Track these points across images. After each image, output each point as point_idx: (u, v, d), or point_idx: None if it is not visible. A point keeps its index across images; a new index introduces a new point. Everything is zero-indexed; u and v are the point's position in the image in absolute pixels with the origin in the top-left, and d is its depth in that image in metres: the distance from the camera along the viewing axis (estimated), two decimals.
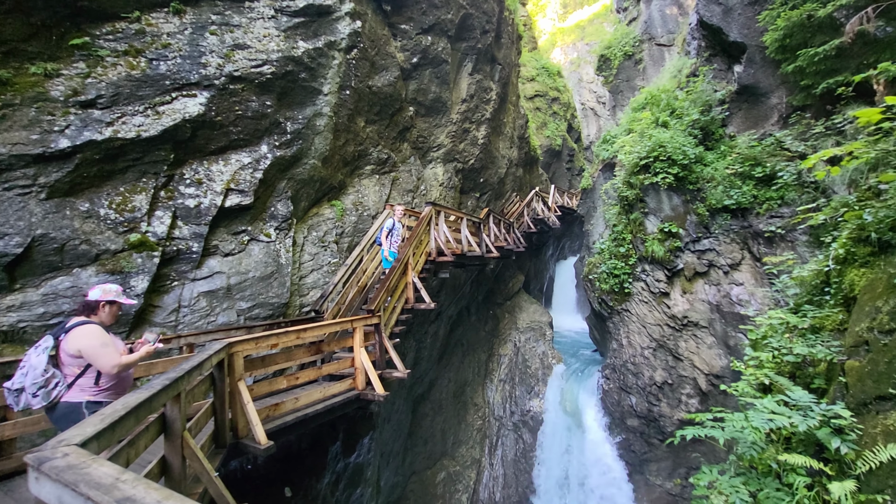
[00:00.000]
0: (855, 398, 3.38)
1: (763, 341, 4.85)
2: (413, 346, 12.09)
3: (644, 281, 13.96)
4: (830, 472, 3.21)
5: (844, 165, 3.76)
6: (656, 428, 14.02)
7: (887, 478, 2.92)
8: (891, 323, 3.31)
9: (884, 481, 2.93)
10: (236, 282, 7.35)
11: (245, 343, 5.06)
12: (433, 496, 13.03)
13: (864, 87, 9.15)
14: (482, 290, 16.73)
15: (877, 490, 2.94)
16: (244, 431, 4.96)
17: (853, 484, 2.94)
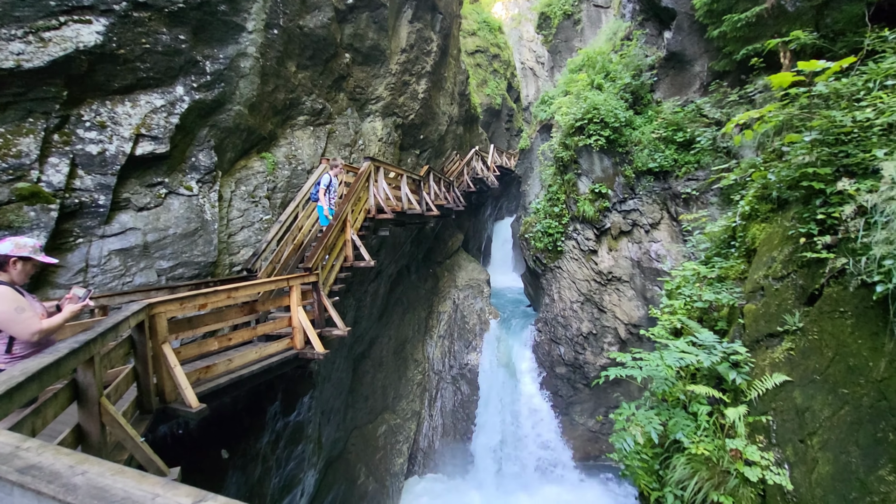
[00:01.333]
0: (750, 336, 3.86)
1: (677, 291, 5.35)
2: (353, 304, 11.98)
3: (575, 239, 14.73)
4: (727, 400, 3.69)
5: (756, 129, 4.10)
6: (581, 374, 15.29)
7: (771, 401, 3.42)
8: (783, 270, 3.77)
9: (768, 404, 3.43)
10: (154, 239, 6.72)
11: (168, 304, 4.70)
12: (374, 448, 13.42)
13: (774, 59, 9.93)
14: (422, 248, 16.77)
15: (762, 412, 3.44)
16: (172, 396, 4.70)
17: (745, 408, 3.42)
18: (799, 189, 3.71)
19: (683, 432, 3.74)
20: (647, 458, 4.35)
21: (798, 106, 3.77)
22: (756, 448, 3.18)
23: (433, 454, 15.09)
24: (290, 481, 8.05)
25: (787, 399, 3.29)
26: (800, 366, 3.31)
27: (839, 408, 2.90)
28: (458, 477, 14.27)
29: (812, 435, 3.00)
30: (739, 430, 3.30)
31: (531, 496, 12.85)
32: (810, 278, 3.46)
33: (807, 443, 3.02)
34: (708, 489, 3.33)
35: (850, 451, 2.72)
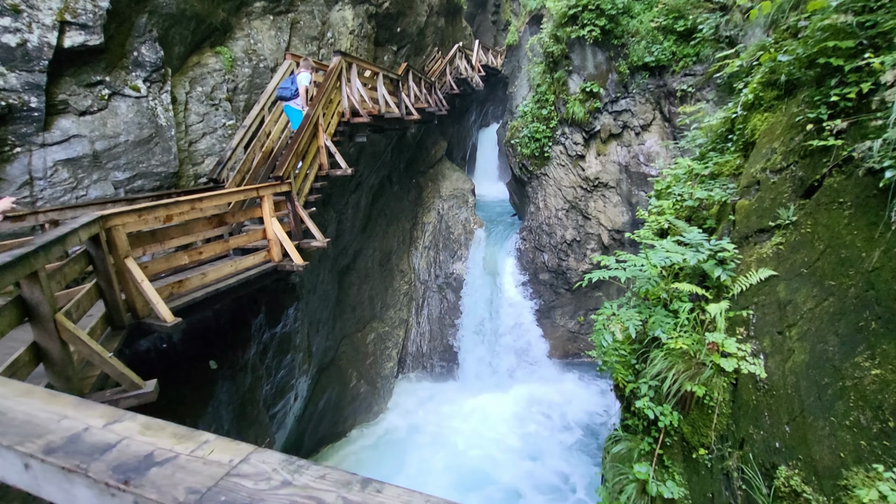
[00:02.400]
0: (739, 233, 3.74)
1: (666, 190, 5.14)
2: (334, 217, 11.66)
3: (563, 144, 14.17)
4: (709, 297, 3.67)
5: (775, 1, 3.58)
6: (563, 279, 15.72)
7: (753, 296, 3.39)
8: (782, 162, 3.53)
9: (750, 299, 3.40)
10: (104, 147, 6.12)
11: (124, 216, 4.34)
12: (364, 354, 14.04)
13: None
14: (404, 157, 16.07)
15: (743, 307, 3.43)
16: (145, 311, 4.55)
17: (727, 304, 3.40)
18: (813, 68, 3.33)
19: (663, 329, 3.77)
20: (624, 354, 4.47)
21: None
22: (734, 341, 3.21)
23: (421, 358, 15.93)
24: (281, 388, 8.39)
25: (770, 293, 3.25)
26: (787, 260, 3.22)
27: (823, 299, 2.85)
28: (445, 377, 15.23)
29: (791, 327, 3.00)
30: (719, 325, 3.31)
31: (513, 391, 13.87)
32: (811, 168, 3.24)
33: (785, 334, 3.03)
34: (683, 380, 3.42)
35: (828, 340, 2.72)
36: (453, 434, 12.17)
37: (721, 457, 3.22)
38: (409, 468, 10.98)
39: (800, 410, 2.72)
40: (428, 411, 13.54)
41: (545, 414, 12.75)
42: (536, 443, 11.69)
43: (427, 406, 13.82)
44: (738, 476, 3.01)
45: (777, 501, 2.65)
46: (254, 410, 7.63)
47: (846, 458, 2.38)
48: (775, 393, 2.93)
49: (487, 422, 12.62)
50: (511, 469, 10.77)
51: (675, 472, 3.65)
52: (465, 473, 10.55)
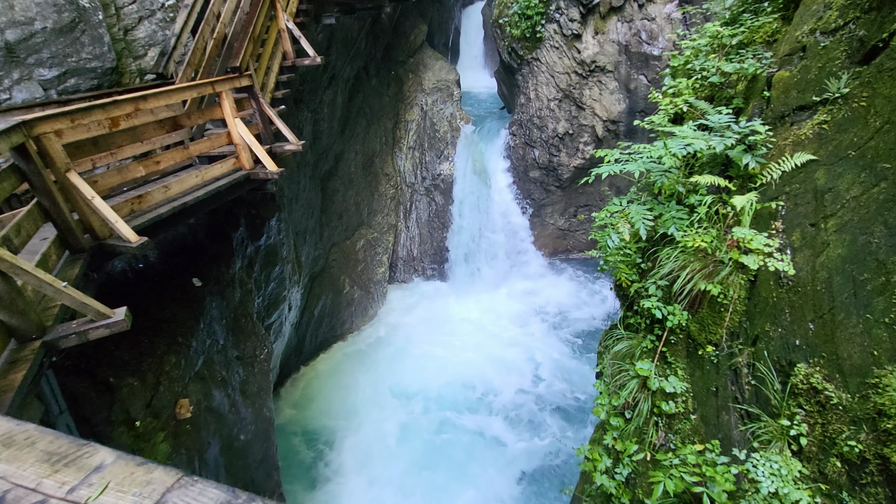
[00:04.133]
0: (774, 112, 3.26)
1: (685, 66, 4.49)
2: (309, 118, 10.63)
3: (557, 22, 12.65)
4: (733, 188, 3.31)
5: None
6: (555, 176, 15.24)
7: (784, 185, 3.04)
8: (839, 20, 2.93)
9: (781, 189, 3.06)
10: (18, 37, 5.08)
11: (53, 121, 3.65)
12: (355, 261, 13.95)
13: None
14: (380, 44, 14.35)
15: (772, 198, 3.10)
16: (104, 231, 4.08)
17: (754, 195, 3.05)
18: None
19: (677, 226, 3.46)
20: (630, 253, 4.23)
21: None
22: (764, 236, 2.92)
23: (413, 262, 15.97)
24: (274, 299, 8.28)
25: (805, 181, 2.90)
26: (831, 141, 2.81)
27: (872, 185, 2.51)
28: (438, 279, 15.43)
29: (829, 217, 2.70)
30: (745, 219, 3.00)
31: (504, 289, 14.17)
32: (877, 25, 2.67)
33: (819, 226, 2.74)
34: (697, 279, 3.21)
35: (874, 232, 2.44)
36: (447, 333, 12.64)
37: (730, 354, 3.15)
38: (406, 366, 11.52)
39: (829, 308, 2.53)
40: (422, 311, 13.93)
41: (536, 310, 13.18)
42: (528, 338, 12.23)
43: (421, 306, 14.18)
44: (749, 372, 2.95)
45: (792, 398, 2.59)
46: (248, 323, 7.59)
47: (880, 357, 2.24)
48: (800, 290, 2.73)
49: (479, 320, 13.06)
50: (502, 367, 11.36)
51: (678, 367, 3.63)
52: (460, 371, 11.11)
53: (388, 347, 12.29)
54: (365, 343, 12.64)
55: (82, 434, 4.75)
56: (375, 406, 10.23)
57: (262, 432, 7.55)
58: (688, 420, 3.56)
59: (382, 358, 12.00)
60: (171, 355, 5.96)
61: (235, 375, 7.21)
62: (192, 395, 6.30)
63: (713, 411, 3.32)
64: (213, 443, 6.33)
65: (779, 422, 2.66)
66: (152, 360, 5.76)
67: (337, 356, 12.16)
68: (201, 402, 6.34)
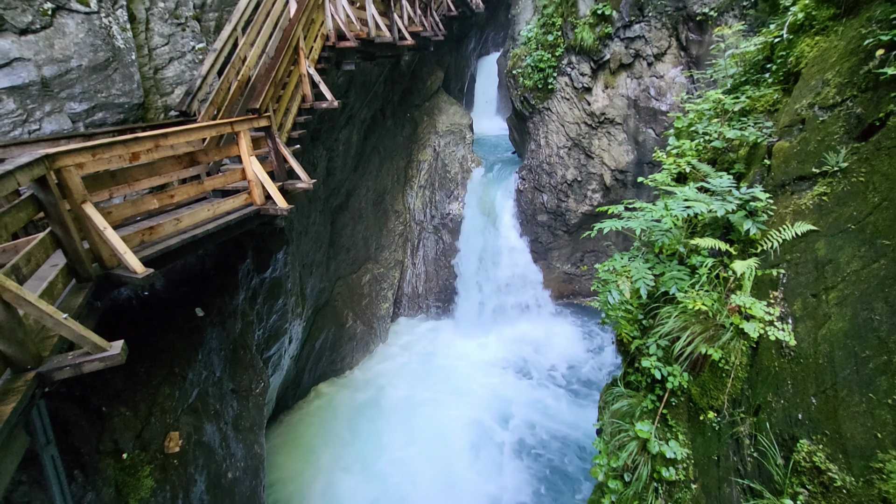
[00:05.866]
0: (775, 180, 3.31)
1: (689, 129, 4.60)
2: (324, 154, 10.96)
3: (569, 75, 13.13)
4: (734, 252, 3.32)
5: None
6: (562, 221, 15.34)
7: (786, 253, 3.04)
8: (837, 96, 3.01)
9: (782, 257, 3.06)
10: (55, 73, 5.39)
11: (76, 154, 3.82)
12: (360, 296, 13.95)
13: None
14: (397, 89, 14.95)
15: (773, 265, 3.09)
16: (112, 261, 4.16)
17: (755, 261, 3.05)
18: None
19: (678, 286, 3.45)
20: (631, 309, 4.20)
21: None
22: (764, 305, 2.90)
23: (417, 299, 15.93)
24: (275, 332, 8.26)
25: (806, 251, 2.90)
26: (831, 213, 2.83)
27: (872, 261, 2.50)
28: (441, 318, 15.31)
29: (830, 290, 2.68)
30: (746, 285, 2.99)
31: (507, 331, 13.99)
32: (874, 105, 2.74)
33: (821, 297, 2.71)
34: (698, 342, 3.16)
35: (875, 308, 2.41)
36: (445, 379, 12.38)
37: (732, 422, 3.05)
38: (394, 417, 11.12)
39: (831, 383, 2.47)
40: (423, 351, 13.74)
41: (538, 356, 12.94)
42: (527, 383, 11.95)
43: (422, 346, 14.00)
44: (751, 444, 2.84)
45: (795, 476, 2.48)
46: (247, 355, 7.54)
47: (883, 440, 2.16)
48: (802, 361, 2.67)
49: (483, 362, 12.83)
50: (502, 407, 11.06)
51: (678, 432, 3.51)
52: (452, 424, 10.75)
53: (382, 392, 11.92)
54: (360, 384, 12.35)
55: (68, 465, 4.65)
56: (348, 473, 9.60)
57: (251, 469, 7.34)
58: (689, 489, 3.41)
59: (380, 394, 11.73)
60: (166, 386, 5.91)
61: (229, 409, 7.10)
62: (184, 427, 6.19)
63: (715, 482, 3.18)
64: (199, 479, 6.16)
65: (781, 501, 2.53)
66: (146, 391, 5.71)
67: (328, 396, 11.87)
68: (192, 436, 6.22)
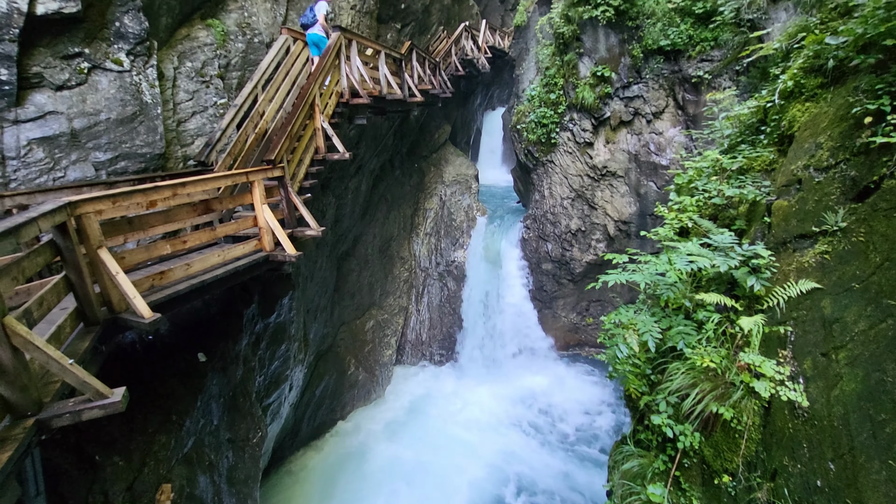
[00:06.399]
0: (776, 238, 3.37)
1: (689, 185, 4.73)
2: (333, 202, 11.25)
3: (571, 131, 13.65)
4: (739, 308, 3.32)
5: None
6: (567, 270, 15.36)
7: (792, 311, 3.04)
8: (830, 159, 3.13)
9: (788, 314, 3.05)
10: (84, 126, 5.70)
11: (96, 202, 3.97)
12: (363, 342, 13.79)
13: None
14: (406, 141, 15.56)
15: (780, 322, 3.08)
16: (121, 305, 4.20)
17: (761, 318, 3.05)
18: (872, 52, 2.91)
19: (685, 341, 3.42)
20: (639, 364, 4.13)
21: None
22: (773, 363, 2.86)
23: (421, 346, 15.70)
24: (276, 378, 8.13)
25: (812, 308, 2.90)
26: (834, 272, 2.85)
27: (879, 321, 2.50)
28: (445, 366, 15.02)
29: (839, 349, 2.65)
30: (753, 342, 2.97)
31: (512, 383, 13.64)
32: (867, 168, 2.85)
33: (831, 357, 2.68)
34: (708, 401, 3.09)
35: (886, 370, 2.38)
36: (449, 426, 11.98)
37: (748, 487, 2.92)
38: (402, 458, 10.79)
39: (849, 448, 2.39)
40: (424, 400, 13.35)
41: (544, 410, 12.54)
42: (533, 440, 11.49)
43: (425, 395, 13.63)
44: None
45: None
46: (246, 403, 7.38)
47: None
48: (817, 423, 2.60)
49: (485, 414, 12.42)
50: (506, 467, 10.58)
51: (692, 496, 3.35)
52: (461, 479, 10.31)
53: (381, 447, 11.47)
54: (359, 436, 11.93)
55: None
56: None
57: None
58: None
59: (379, 446, 11.28)
60: (162, 434, 5.76)
61: (224, 460, 6.85)
62: (177, 479, 5.96)
63: None
64: None
65: None
66: (142, 439, 5.57)
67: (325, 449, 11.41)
68: (184, 488, 5.98)
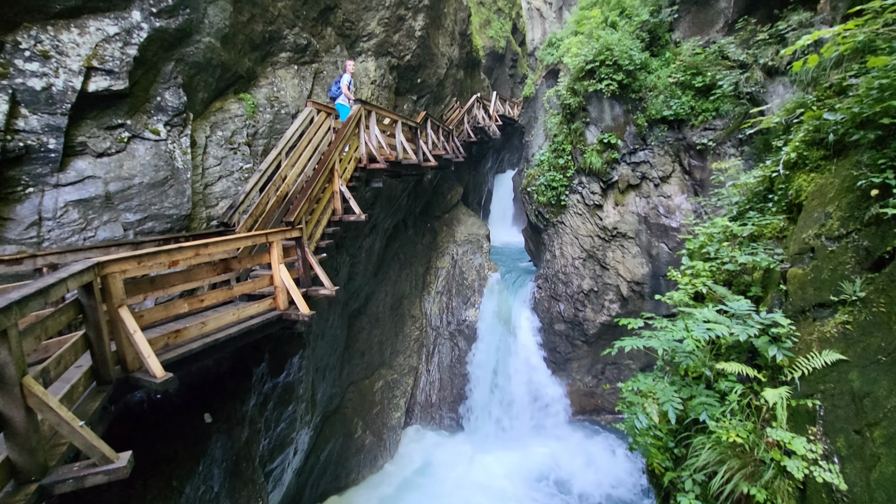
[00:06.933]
0: (794, 306, 3.32)
1: (701, 250, 4.76)
2: (347, 260, 11.45)
3: (580, 193, 13.98)
4: (763, 379, 3.21)
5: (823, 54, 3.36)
6: (580, 331, 15.06)
7: (818, 383, 2.93)
8: (841, 229, 3.16)
9: (814, 386, 2.94)
10: (118, 189, 6.05)
11: (122, 262, 4.12)
12: (371, 403, 13.39)
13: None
14: (420, 202, 16.05)
15: (806, 395, 2.96)
16: (135, 364, 4.22)
17: (786, 390, 2.93)
18: (871, 129, 3.03)
19: (708, 413, 3.28)
20: (660, 436, 3.94)
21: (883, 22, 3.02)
22: (802, 440, 2.72)
23: (430, 408, 15.17)
24: (281, 441, 7.85)
25: (840, 381, 2.79)
26: (858, 343, 2.78)
27: None
28: (455, 430, 14.39)
29: (872, 426, 2.52)
30: (780, 417, 2.84)
31: (526, 450, 12.95)
32: (879, 238, 2.86)
33: (865, 435, 2.55)
34: (737, 480, 2.91)
35: None
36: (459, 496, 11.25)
37: None
38: None
39: None
40: (434, 468, 12.66)
41: (559, 480, 11.77)
42: None
43: (434, 462, 12.94)
44: None
45: None
46: (249, 468, 7.09)
47: None
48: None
49: (497, 484, 11.68)
50: None
51: None
52: None
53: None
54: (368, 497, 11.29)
55: None
56: None
57: None
58: None
59: None
60: (161, 502, 5.51)
61: None
62: None
63: None
64: None
65: None
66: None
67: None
68: None
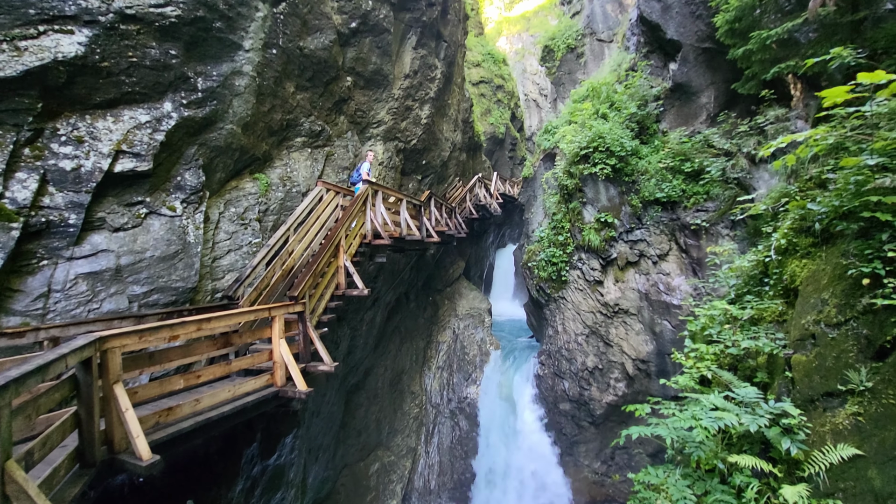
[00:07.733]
0: (802, 394, 3.26)
1: (702, 332, 4.75)
2: (347, 334, 11.33)
3: (580, 269, 14.16)
4: (778, 474, 3.06)
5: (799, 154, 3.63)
6: (586, 411, 14.42)
7: (837, 480, 2.79)
8: (839, 316, 3.20)
9: (834, 484, 2.80)
10: (129, 262, 6.20)
11: (123, 337, 4.12)
12: (366, 489, 12.48)
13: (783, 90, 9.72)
14: (422, 275, 16.21)
15: (827, 494, 2.80)
16: (122, 445, 4.06)
17: (805, 487, 2.79)
18: (856, 220, 3.19)
19: None
20: None
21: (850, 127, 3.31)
22: None
23: (428, 496, 14.09)
24: None
25: (860, 479, 2.67)
26: (873, 437, 2.70)
27: None
28: None
29: None
30: None
31: None
32: (878, 327, 2.89)
33: None
34: None
35: None
36: None
37: None
38: None
39: None
40: None
41: None
42: None
43: None
44: None
45: None
46: None
47: None
48: None
49: None
50: None
51: None
52: None
53: None
54: None
55: None
56: None
57: None
58: None
59: None
60: None
61: None
62: None
63: None
64: None
65: None
66: None
67: None
68: None
